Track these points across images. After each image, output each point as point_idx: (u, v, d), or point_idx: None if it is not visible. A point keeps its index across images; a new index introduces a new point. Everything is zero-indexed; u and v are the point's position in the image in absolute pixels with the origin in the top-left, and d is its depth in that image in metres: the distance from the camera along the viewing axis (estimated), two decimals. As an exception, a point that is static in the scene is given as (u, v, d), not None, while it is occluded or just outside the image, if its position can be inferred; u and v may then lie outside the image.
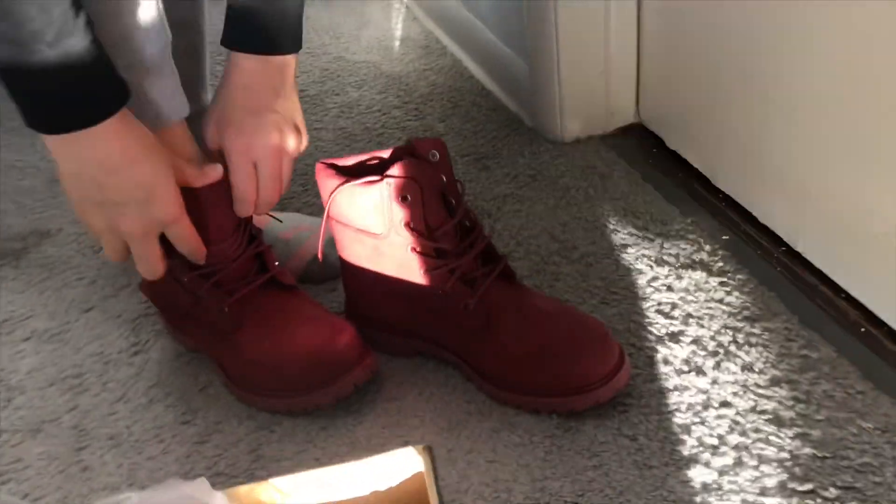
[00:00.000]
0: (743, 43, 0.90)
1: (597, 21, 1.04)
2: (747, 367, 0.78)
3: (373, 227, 0.77)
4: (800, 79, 0.83)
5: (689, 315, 0.84)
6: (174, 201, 0.72)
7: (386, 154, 0.79)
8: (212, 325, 0.79)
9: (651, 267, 0.90)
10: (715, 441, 0.72)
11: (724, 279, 0.87)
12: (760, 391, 0.76)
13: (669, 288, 0.87)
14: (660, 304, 0.86)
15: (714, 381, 0.77)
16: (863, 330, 0.81)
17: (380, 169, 0.77)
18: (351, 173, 0.78)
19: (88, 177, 0.69)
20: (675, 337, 0.82)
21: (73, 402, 0.83)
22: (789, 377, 0.77)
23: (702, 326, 0.83)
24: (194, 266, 0.77)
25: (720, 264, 0.89)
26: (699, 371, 0.78)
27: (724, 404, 0.75)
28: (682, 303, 0.85)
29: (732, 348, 0.80)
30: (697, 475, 0.69)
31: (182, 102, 0.76)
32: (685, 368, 0.79)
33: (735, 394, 0.76)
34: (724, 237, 0.93)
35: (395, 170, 0.75)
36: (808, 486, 0.67)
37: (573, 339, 0.75)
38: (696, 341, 0.81)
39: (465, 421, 0.76)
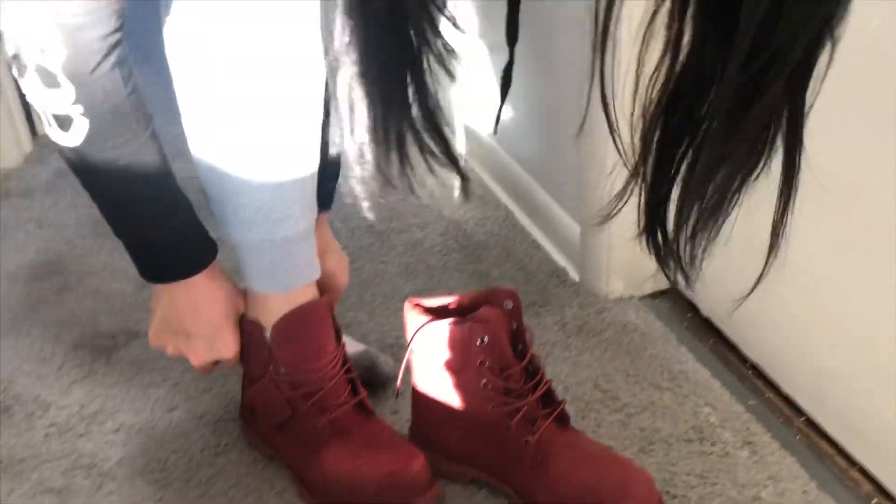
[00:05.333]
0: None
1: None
2: (771, 524, 0.87)
3: (451, 362, 0.88)
4: (828, 268, 0.96)
5: (721, 470, 0.93)
6: (233, 344, 0.90)
7: (467, 299, 0.91)
8: (302, 440, 0.89)
9: (686, 423, 1.00)
10: (742, 588, 0.80)
11: (751, 441, 0.97)
12: (783, 547, 0.85)
13: (702, 442, 0.97)
14: (693, 458, 0.95)
15: (741, 534, 0.86)
16: (875, 502, 0.90)
17: (462, 312, 0.89)
18: (435, 313, 0.90)
19: (175, 308, 0.87)
20: (707, 490, 0.91)
21: (160, 494, 0.92)
22: (809, 536, 0.86)
23: (731, 482, 0.92)
24: (297, 385, 0.87)
25: (747, 427, 0.99)
26: (728, 523, 0.87)
27: (750, 555, 0.84)
28: (714, 458, 0.95)
29: (757, 505, 0.89)
30: None
31: (316, 267, 0.90)
32: (715, 519, 0.88)
33: (760, 547, 0.85)
34: (750, 402, 1.04)
35: (477, 315, 0.86)
36: None
37: (618, 483, 0.84)
38: (724, 494, 0.90)
39: (516, 547, 0.85)
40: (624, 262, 1.22)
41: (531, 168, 1.44)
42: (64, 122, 0.73)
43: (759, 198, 0.54)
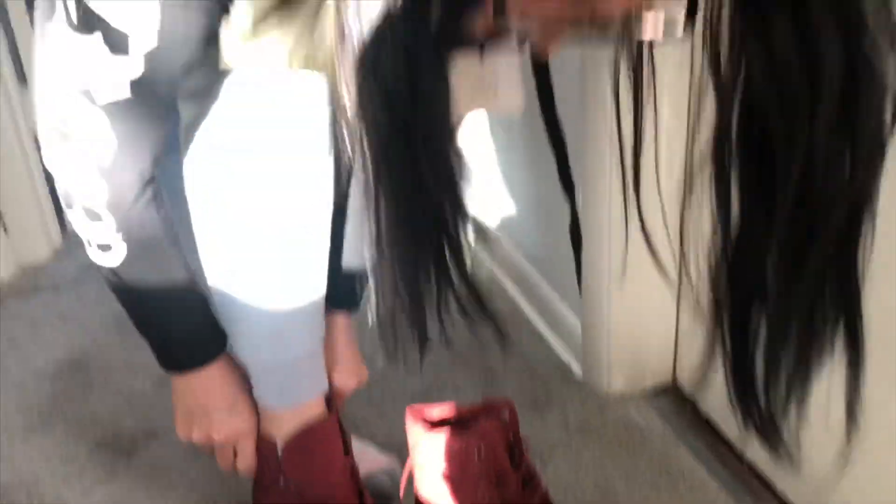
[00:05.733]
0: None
1: (644, 298, 1.22)
2: None
3: (450, 473, 0.92)
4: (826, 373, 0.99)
5: (714, 575, 0.96)
6: (249, 415, 0.94)
7: (466, 409, 0.95)
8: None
9: (682, 524, 1.03)
10: None
11: (747, 544, 1.00)
12: None
13: (697, 546, 1.00)
14: (688, 561, 0.98)
15: None
16: None
17: (461, 421, 0.93)
18: (436, 423, 0.94)
19: (193, 394, 0.92)
20: None
21: None
22: None
23: (725, 587, 0.94)
24: (305, 498, 0.92)
25: (743, 529, 1.02)
26: None
27: None
28: (709, 562, 0.98)
29: None
30: None
31: (324, 381, 0.96)
32: None
33: None
34: (745, 502, 1.06)
35: (474, 428, 0.91)
36: None
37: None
38: None
39: None
40: (624, 357, 1.26)
41: (535, 261, 1.49)
42: (105, 248, 0.82)
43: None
